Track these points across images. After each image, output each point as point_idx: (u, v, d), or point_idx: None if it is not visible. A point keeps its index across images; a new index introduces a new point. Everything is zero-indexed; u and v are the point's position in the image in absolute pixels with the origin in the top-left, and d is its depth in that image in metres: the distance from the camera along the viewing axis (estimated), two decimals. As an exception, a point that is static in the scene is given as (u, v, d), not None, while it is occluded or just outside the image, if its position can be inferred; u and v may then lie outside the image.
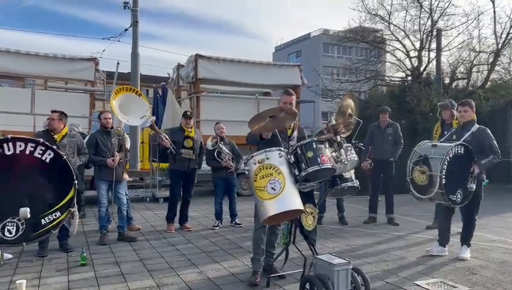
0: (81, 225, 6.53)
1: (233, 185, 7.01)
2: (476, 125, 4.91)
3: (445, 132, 5.69)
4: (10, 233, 3.58)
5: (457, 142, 4.62)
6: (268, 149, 3.41)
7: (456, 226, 5.37)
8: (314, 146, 3.44)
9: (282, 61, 15.44)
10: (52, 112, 5.39)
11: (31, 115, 8.44)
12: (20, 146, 3.70)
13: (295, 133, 4.21)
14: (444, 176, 4.37)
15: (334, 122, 3.87)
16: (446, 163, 4.39)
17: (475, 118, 5.01)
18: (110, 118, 5.85)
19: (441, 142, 4.92)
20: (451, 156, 4.45)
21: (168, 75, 13.36)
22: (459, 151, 4.56)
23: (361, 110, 14.58)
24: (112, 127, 5.91)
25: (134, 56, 12.87)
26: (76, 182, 3.98)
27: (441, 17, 17.51)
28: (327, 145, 3.58)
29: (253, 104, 10.44)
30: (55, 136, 5.20)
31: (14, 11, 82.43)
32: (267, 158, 3.35)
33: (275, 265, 4.24)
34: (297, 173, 3.37)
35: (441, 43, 16.60)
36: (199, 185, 9.48)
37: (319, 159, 3.37)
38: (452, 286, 4.07)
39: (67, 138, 5.31)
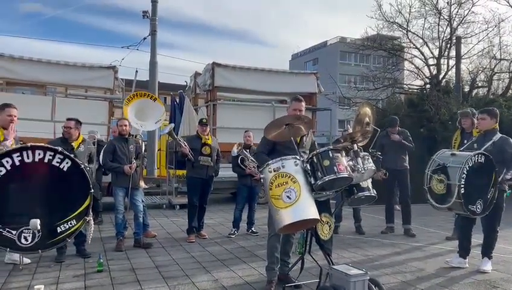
0: (98, 231, 6.60)
1: (256, 193, 6.98)
2: (498, 135, 4.80)
3: (465, 141, 5.58)
4: (26, 240, 3.62)
5: (477, 151, 4.52)
6: (283, 157, 3.40)
7: (477, 238, 5.24)
8: (331, 155, 3.41)
9: (298, 69, 15.43)
10: (68, 119, 5.47)
11: (51, 122, 8.60)
12: (39, 154, 3.73)
13: (305, 139, 4.17)
14: (462, 186, 4.26)
15: (351, 130, 3.83)
16: (465, 172, 4.28)
17: (497, 126, 4.90)
18: (126, 126, 5.92)
19: (461, 151, 4.82)
20: (470, 165, 4.34)
21: (185, 83, 13.50)
22: (479, 161, 4.45)
23: (378, 118, 14.45)
24: (130, 134, 5.98)
25: (153, 64, 13.07)
26: (92, 191, 4.00)
27: (461, 24, 17.35)
28: (344, 154, 3.54)
29: (269, 112, 10.45)
30: (73, 144, 5.30)
31: (37, 21, 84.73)
32: (283, 166, 3.33)
33: (290, 274, 4.20)
34: (313, 182, 3.34)
35: (461, 51, 16.37)
36: (215, 193, 9.49)
37: (335, 167, 3.34)
38: (473, 299, 3.97)
39: (84, 145, 5.42)
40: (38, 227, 3.21)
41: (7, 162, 3.57)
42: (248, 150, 6.73)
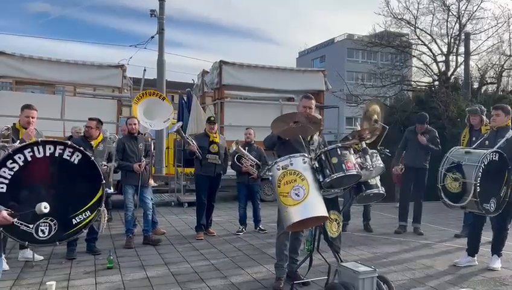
0: (108, 229, 6.66)
1: (256, 191, 6.98)
2: (511, 132, 4.75)
3: (474, 138, 5.53)
4: (43, 233, 3.68)
5: (493, 149, 4.45)
6: (292, 155, 3.41)
7: (486, 235, 5.21)
8: (339, 152, 3.41)
9: (305, 67, 15.39)
10: (90, 119, 5.54)
11: (61, 121, 8.68)
12: (50, 149, 3.81)
13: (315, 137, 4.18)
14: (478, 184, 4.22)
15: (359, 127, 3.84)
16: (481, 171, 4.23)
17: (510, 124, 4.85)
18: (136, 124, 5.97)
19: (473, 148, 4.77)
20: (486, 163, 4.29)
21: (192, 82, 13.54)
22: (494, 159, 4.39)
23: (386, 115, 14.39)
24: (139, 133, 6.02)
25: (160, 63, 13.11)
26: (104, 182, 4.07)
27: (470, 20, 17.21)
28: (352, 152, 3.55)
29: (277, 109, 10.44)
30: (92, 143, 5.38)
31: (46, 21, 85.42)
32: (291, 164, 3.34)
33: (299, 272, 4.21)
34: (321, 179, 3.35)
35: (470, 47, 16.23)
36: (223, 191, 9.52)
37: (343, 165, 3.35)
38: (482, 296, 3.95)
39: (103, 144, 5.50)
40: (44, 210, 3.18)
41: (19, 158, 3.65)
42: (248, 148, 6.73)
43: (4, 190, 3.54)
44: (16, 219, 3.09)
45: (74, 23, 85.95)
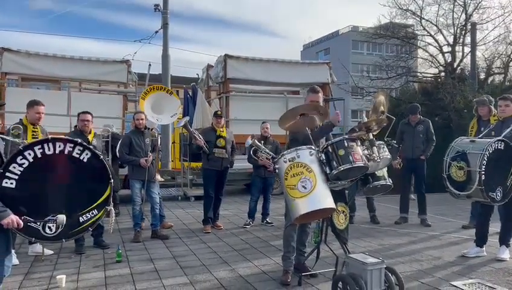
0: (116, 223, 6.69)
1: (270, 184, 7.02)
2: None
3: (482, 129, 5.49)
4: (50, 230, 3.71)
5: (497, 138, 4.44)
6: (298, 147, 3.41)
7: (495, 226, 5.20)
8: (346, 144, 3.41)
9: (310, 59, 15.34)
10: (83, 113, 5.54)
11: (67, 116, 8.72)
12: (60, 146, 3.83)
13: None
14: (483, 172, 4.20)
15: (365, 119, 3.82)
16: (486, 158, 4.22)
17: None
18: (143, 119, 5.98)
19: (479, 138, 4.75)
20: (490, 151, 4.27)
21: (197, 76, 13.53)
22: (499, 147, 4.37)
23: (392, 107, 14.31)
24: (146, 128, 6.04)
25: (165, 57, 13.11)
26: (112, 181, 4.09)
27: (476, 10, 17.00)
28: (359, 143, 3.54)
29: (282, 102, 10.43)
30: (88, 137, 5.39)
31: (52, 18, 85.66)
32: (298, 156, 3.34)
33: (307, 264, 4.23)
34: (328, 171, 3.35)
35: (476, 38, 16.04)
36: (230, 184, 9.54)
37: (350, 157, 3.34)
38: (490, 287, 3.95)
39: (96, 139, 5.53)
40: (64, 222, 3.35)
41: (29, 154, 3.67)
42: (264, 142, 6.74)
43: (13, 186, 3.57)
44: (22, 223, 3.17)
45: (78, 20, 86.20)
